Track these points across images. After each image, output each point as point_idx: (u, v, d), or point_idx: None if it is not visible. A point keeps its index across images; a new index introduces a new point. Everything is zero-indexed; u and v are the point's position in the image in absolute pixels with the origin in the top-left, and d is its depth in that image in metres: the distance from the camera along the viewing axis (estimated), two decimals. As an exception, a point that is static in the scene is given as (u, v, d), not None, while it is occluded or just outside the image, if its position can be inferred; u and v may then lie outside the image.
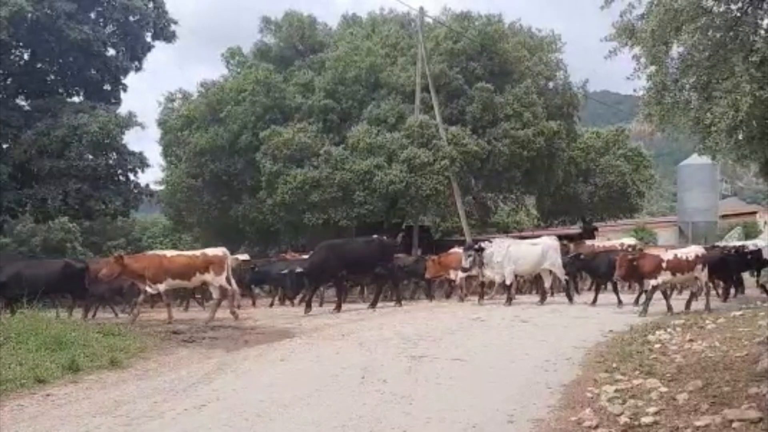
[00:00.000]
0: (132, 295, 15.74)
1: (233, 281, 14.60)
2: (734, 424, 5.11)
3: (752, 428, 5.02)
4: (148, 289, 13.52)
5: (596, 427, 5.43)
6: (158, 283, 13.51)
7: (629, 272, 14.11)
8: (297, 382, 7.53)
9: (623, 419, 5.54)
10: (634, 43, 7.18)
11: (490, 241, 16.72)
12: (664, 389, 6.42)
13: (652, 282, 13.89)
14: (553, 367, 8.04)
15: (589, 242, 22.89)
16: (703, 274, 14.26)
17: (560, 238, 19.53)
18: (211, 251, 14.64)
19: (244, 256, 22.09)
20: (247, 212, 25.16)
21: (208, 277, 14.01)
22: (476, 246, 16.37)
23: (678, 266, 14.02)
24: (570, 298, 16.02)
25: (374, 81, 24.60)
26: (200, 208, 27.04)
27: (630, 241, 21.13)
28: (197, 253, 14.81)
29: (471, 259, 16.01)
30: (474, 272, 16.48)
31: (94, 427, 5.95)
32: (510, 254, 15.94)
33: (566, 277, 16.49)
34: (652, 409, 5.72)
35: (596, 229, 28.89)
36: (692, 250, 14.75)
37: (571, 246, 20.61)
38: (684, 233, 31.04)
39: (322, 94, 24.45)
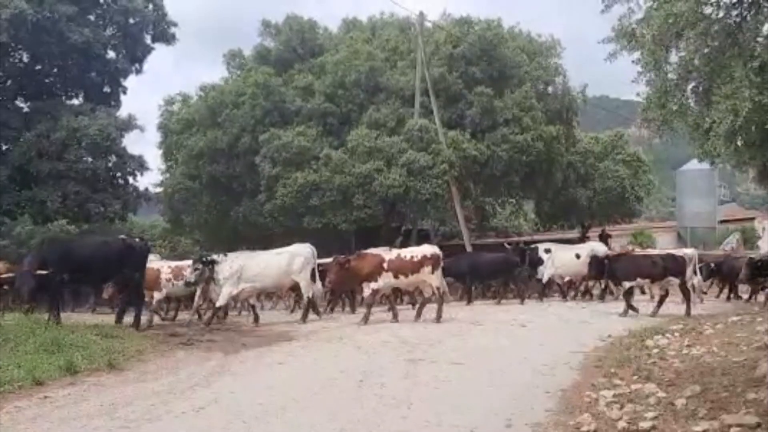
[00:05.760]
0: None
1: None
2: (732, 430, 5.11)
3: (750, 433, 5.03)
4: None
5: (594, 431, 5.43)
6: None
7: (343, 278, 13.16)
8: (295, 385, 7.53)
9: (621, 424, 5.54)
10: (634, 48, 7.20)
11: (225, 255, 14.50)
12: (662, 394, 6.42)
13: (372, 285, 13.01)
14: (552, 371, 8.04)
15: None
16: (433, 277, 13.31)
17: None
18: None
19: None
20: (247, 215, 25.15)
21: None
22: (206, 258, 14.34)
23: (401, 267, 13.12)
24: (317, 312, 14.98)
25: (374, 85, 24.60)
26: (199, 210, 27.01)
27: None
28: None
29: (198, 273, 14.05)
30: (200, 289, 14.62)
31: (92, 429, 5.94)
32: (242, 272, 13.96)
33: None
34: (650, 414, 5.72)
35: (610, 235, 28.68)
36: (420, 250, 13.74)
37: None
38: (683, 238, 31.05)
39: (322, 97, 24.44)
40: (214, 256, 14.32)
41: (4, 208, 23.66)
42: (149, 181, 40.56)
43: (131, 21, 26.42)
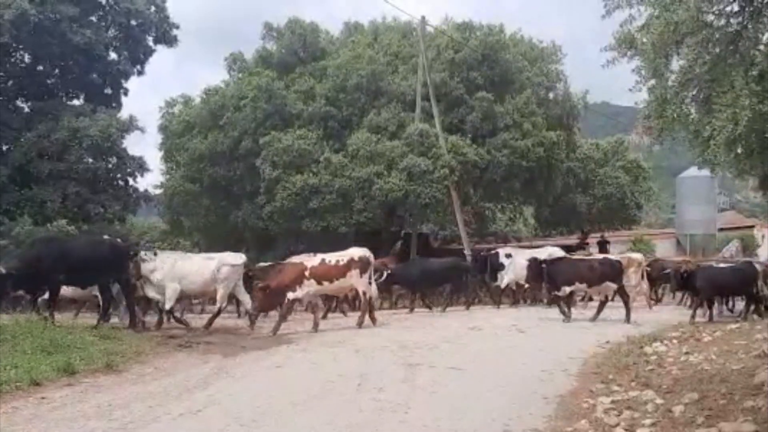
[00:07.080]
0: None
1: None
2: (730, 437, 5.11)
3: (748, 441, 5.03)
4: None
5: (592, 437, 5.44)
6: None
7: (268, 301, 12.65)
8: (293, 389, 7.52)
9: (619, 431, 5.54)
10: (634, 55, 7.21)
11: (156, 254, 13.99)
12: (660, 401, 6.42)
13: (290, 295, 12.56)
14: (550, 377, 8.04)
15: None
16: (361, 281, 12.94)
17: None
18: None
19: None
20: (247, 218, 25.15)
21: None
22: (131, 253, 13.79)
23: (326, 273, 12.73)
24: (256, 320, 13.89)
25: (375, 89, 24.63)
26: (199, 213, 27.01)
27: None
28: None
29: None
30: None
31: (90, 431, 5.94)
32: (175, 272, 13.50)
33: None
34: (647, 421, 5.72)
35: (609, 242, 28.62)
36: (348, 253, 13.33)
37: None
38: (682, 245, 31.06)
39: (323, 101, 24.47)
40: (141, 253, 13.81)
41: (4, 208, 23.65)
42: (149, 182, 40.58)
43: (133, 22, 26.48)
